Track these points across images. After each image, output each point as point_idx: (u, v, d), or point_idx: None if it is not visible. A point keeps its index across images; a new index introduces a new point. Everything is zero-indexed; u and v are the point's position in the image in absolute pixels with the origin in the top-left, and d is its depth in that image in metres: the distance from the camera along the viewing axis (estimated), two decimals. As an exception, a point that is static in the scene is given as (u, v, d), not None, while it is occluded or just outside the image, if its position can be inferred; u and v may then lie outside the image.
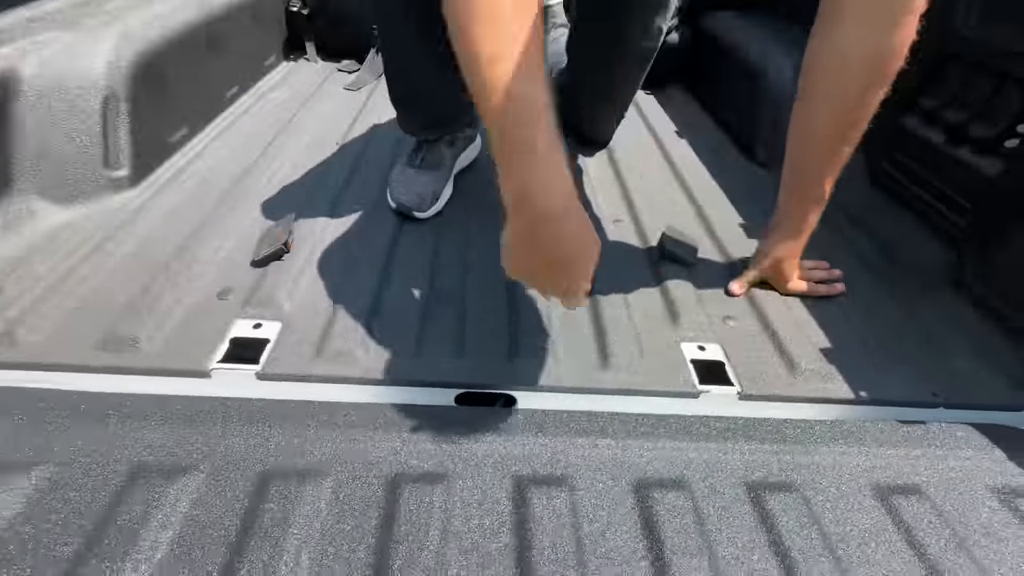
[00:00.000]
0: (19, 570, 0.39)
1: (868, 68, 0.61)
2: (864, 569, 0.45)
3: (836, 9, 0.61)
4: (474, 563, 0.42)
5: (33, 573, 0.39)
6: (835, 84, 0.64)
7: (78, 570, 0.39)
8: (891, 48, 0.59)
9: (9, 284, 0.65)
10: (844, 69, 0.62)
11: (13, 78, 0.73)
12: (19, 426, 0.49)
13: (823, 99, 0.66)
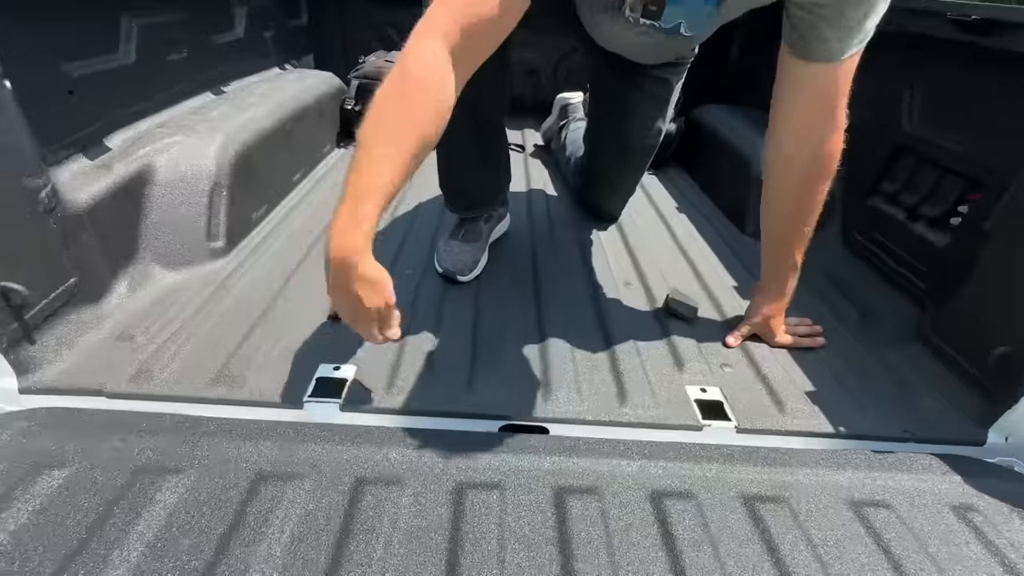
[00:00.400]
0: (180, 545, 0.51)
1: (809, 169, 0.78)
2: (839, 564, 0.56)
3: (779, 124, 0.79)
4: (525, 548, 0.54)
5: (190, 547, 0.51)
6: (786, 181, 0.81)
7: (223, 552, 0.51)
8: (823, 156, 0.77)
9: (139, 334, 0.80)
10: (791, 170, 0.80)
11: (150, 170, 0.93)
12: (166, 441, 0.62)
13: (779, 191, 0.83)
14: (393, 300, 0.60)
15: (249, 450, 0.62)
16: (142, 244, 0.93)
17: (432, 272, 1.05)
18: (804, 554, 0.56)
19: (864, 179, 1.17)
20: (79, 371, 0.73)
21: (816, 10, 0.67)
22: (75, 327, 0.77)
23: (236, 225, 1.06)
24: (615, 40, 0.96)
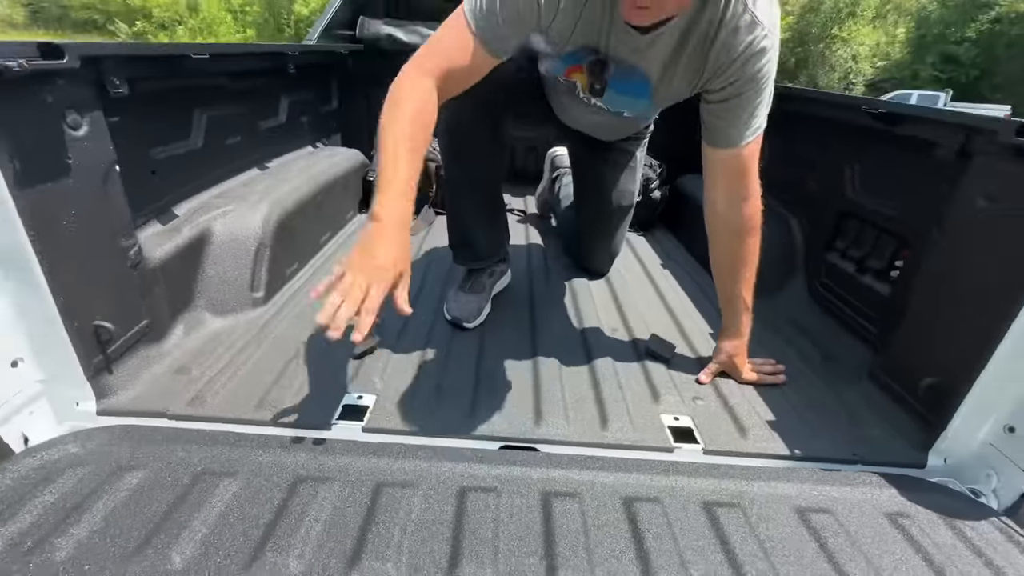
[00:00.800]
0: (235, 529, 0.63)
1: (738, 226, 0.95)
2: (780, 555, 0.66)
3: (709, 195, 0.97)
4: (516, 537, 0.65)
5: (243, 531, 0.63)
6: (723, 237, 0.99)
7: (269, 535, 0.63)
8: (745, 216, 0.94)
9: (194, 368, 0.95)
10: (724, 226, 0.97)
11: (209, 233, 1.11)
12: (219, 451, 0.75)
13: (718, 246, 1.01)
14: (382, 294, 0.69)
15: (287, 459, 0.75)
16: (197, 294, 1.10)
17: (442, 319, 1.20)
18: (751, 546, 0.66)
19: (821, 239, 1.33)
20: (146, 397, 0.87)
21: (717, 112, 0.88)
22: (143, 361, 0.92)
23: (274, 279, 1.24)
24: (580, 121, 1.19)
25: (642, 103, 1.01)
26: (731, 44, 0.83)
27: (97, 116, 0.80)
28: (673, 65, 0.90)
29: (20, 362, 0.76)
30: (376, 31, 2.06)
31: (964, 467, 0.85)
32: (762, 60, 0.83)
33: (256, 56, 1.43)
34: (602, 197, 1.35)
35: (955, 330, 0.84)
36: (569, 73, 1.01)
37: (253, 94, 1.46)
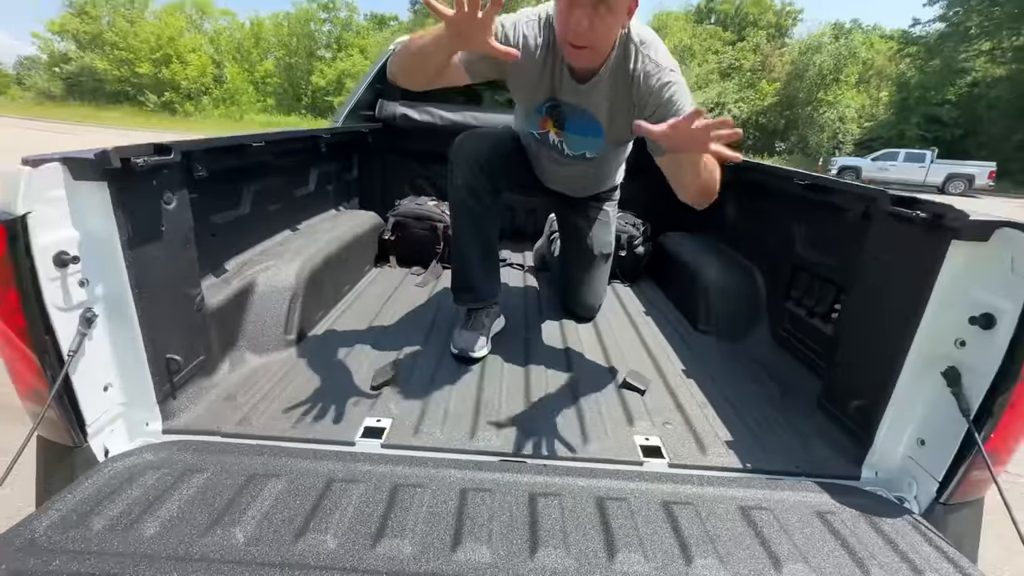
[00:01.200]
0: (282, 516, 0.79)
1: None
2: (723, 540, 0.80)
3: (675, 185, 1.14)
4: (507, 524, 0.80)
5: (288, 518, 0.79)
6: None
7: (310, 520, 0.79)
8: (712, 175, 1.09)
9: (239, 396, 1.13)
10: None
11: (253, 285, 1.33)
12: (265, 460, 0.92)
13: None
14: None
15: (321, 466, 0.91)
16: (241, 335, 1.29)
17: (448, 356, 1.38)
18: (699, 533, 0.81)
19: (780, 289, 1.53)
20: (202, 419, 1.04)
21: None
22: (199, 390, 1.10)
23: (304, 324, 1.43)
24: (557, 176, 1.51)
25: (599, 141, 1.32)
26: (645, 84, 1.17)
27: (183, 193, 1.03)
28: (612, 107, 1.23)
29: (110, 387, 0.94)
30: (392, 111, 2.37)
31: (892, 478, 0.99)
32: (670, 89, 1.16)
33: (297, 140, 1.70)
34: (583, 247, 1.58)
35: (871, 359, 1.01)
36: (542, 124, 1.36)
37: (290, 168, 1.72)
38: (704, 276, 1.71)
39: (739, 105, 24.99)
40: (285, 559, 0.71)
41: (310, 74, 30.62)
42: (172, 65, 27.84)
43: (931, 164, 16.62)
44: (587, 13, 1.04)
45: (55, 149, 0.85)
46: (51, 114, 25.15)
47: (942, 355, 0.90)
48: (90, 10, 29.51)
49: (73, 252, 0.83)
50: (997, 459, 0.87)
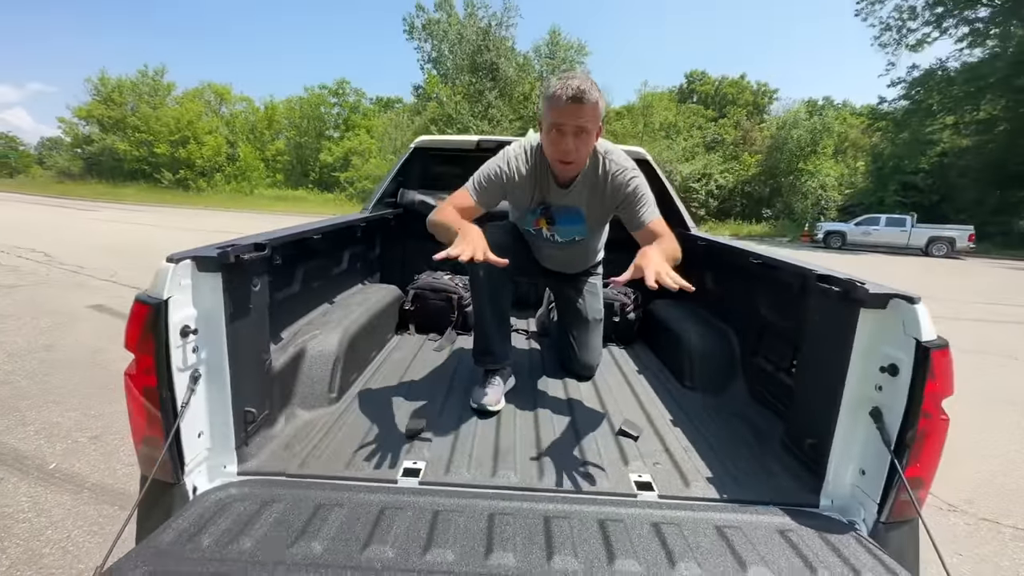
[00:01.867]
0: (348, 535, 0.99)
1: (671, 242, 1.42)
2: (700, 550, 1.00)
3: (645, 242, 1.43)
4: (527, 540, 1.00)
5: (351, 538, 0.98)
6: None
7: (370, 537, 0.98)
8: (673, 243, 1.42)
9: (295, 444, 1.34)
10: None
11: (304, 351, 1.57)
12: (327, 493, 1.12)
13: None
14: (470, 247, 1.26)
15: (373, 497, 1.12)
16: (294, 394, 1.52)
17: (469, 409, 1.61)
18: (681, 544, 1.01)
19: (751, 348, 1.78)
20: (268, 463, 1.25)
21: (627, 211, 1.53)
22: (264, 439, 1.32)
23: (343, 384, 1.67)
24: (553, 258, 1.80)
25: (583, 227, 1.69)
26: (614, 181, 1.54)
27: (264, 278, 1.31)
28: (590, 201, 1.60)
29: (202, 434, 1.17)
30: (412, 199, 2.73)
31: (845, 504, 1.19)
32: (633, 183, 1.55)
33: (341, 227, 2.02)
34: (579, 314, 1.85)
35: (817, 404, 1.25)
36: (536, 223, 1.71)
37: (330, 251, 2.02)
38: (687, 339, 1.96)
39: (724, 175, 26.36)
40: (356, 564, 0.91)
41: (318, 152, 32.48)
42: (189, 146, 29.54)
43: (912, 228, 17.37)
44: (571, 140, 1.43)
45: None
46: (70, 192, 26.36)
47: (867, 398, 1.13)
48: (116, 97, 31.78)
49: (192, 326, 1.09)
50: (920, 483, 1.08)
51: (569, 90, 1.38)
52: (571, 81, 1.40)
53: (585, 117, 1.42)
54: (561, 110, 1.41)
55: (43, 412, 2.83)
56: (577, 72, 1.47)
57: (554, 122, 1.44)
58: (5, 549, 1.79)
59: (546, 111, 1.46)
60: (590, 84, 1.41)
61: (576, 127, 1.42)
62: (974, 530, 2.20)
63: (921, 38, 22.18)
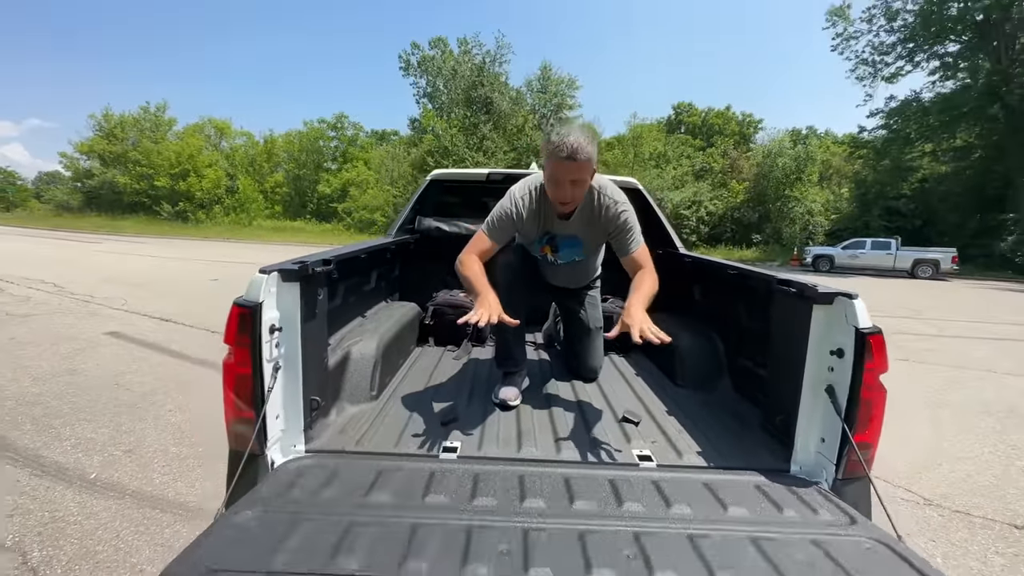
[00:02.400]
0: (407, 495, 1.22)
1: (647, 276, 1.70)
2: (692, 498, 1.24)
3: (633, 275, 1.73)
4: (552, 492, 1.24)
5: (412, 491, 1.22)
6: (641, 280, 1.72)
7: (423, 497, 1.22)
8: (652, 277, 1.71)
9: (348, 430, 1.58)
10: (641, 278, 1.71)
11: (349, 354, 1.82)
12: (384, 462, 1.36)
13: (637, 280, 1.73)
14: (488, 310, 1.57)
15: (423, 465, 1.36)
16: (342, 390, 1.77)
17: (491, 405, 1.85)
18: (675, 494, 1.25)
19: (734, 349, 2.05)
20: (328, 443, 1.49)
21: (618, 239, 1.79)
22: (321, 425, 1.56)
23: (381, 383, 1.91)
24: (557, 276, 2.08)
25: (581, 251, 1.96)
26: (607, 214, 1.80)
27: (325, 288, 1.57)
28: (587, 230, 1.87)
29: (279, 416, 1.41)
30: (428, 225, 3.02)
31: (811, 468, 1.44)
32: (624, 215, 1.80)
33: (376, 249, 2.30)
34: (581, 323, 2.12)
35: (785, 385, 1.51)
36: (543, 250, 1.99)
37: (364, 270, 2.30)
38: (678, 344, 2.23)
39: (714, 202, 27.07)
40: (418, 507, 1.15)
41: (317, 184, 33.06)
42: (189, 179, 30.01)
43: (897, 251, 17.90)
44: (569, 188, 1.69)
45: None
46: (70, 225, 26.60)
47: (823, 378, 1.40)
48: (118, 133, 32.44)
49: (277, 325, 1.34)
50: (867, 446, 1.34)
51: (566, 148, 1.59)
52: (568, 139, 1.59)
53: (580, 171, 1.65)
54: (559, 165, 1.63)
55: (76, 429, 3.02)
56: (574, 126, 1.68)
57: (553, 174, 1.67)
58: (62, 547, 1.98)
59: (546, 161, 1.68)
60: (584, 140, 1.61)
61: (572, 180, 1.69)
62: (947, 521, 2.42)
63: (895, 71, 23.30)
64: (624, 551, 1.00)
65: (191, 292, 8.23)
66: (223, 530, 1.01)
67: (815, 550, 1.03)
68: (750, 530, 1.11)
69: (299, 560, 0.92)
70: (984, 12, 19.91)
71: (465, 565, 0.93)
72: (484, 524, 1.08)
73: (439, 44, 31.08)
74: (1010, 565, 2.10)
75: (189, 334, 5.35)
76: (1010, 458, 3.15)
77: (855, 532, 1.11)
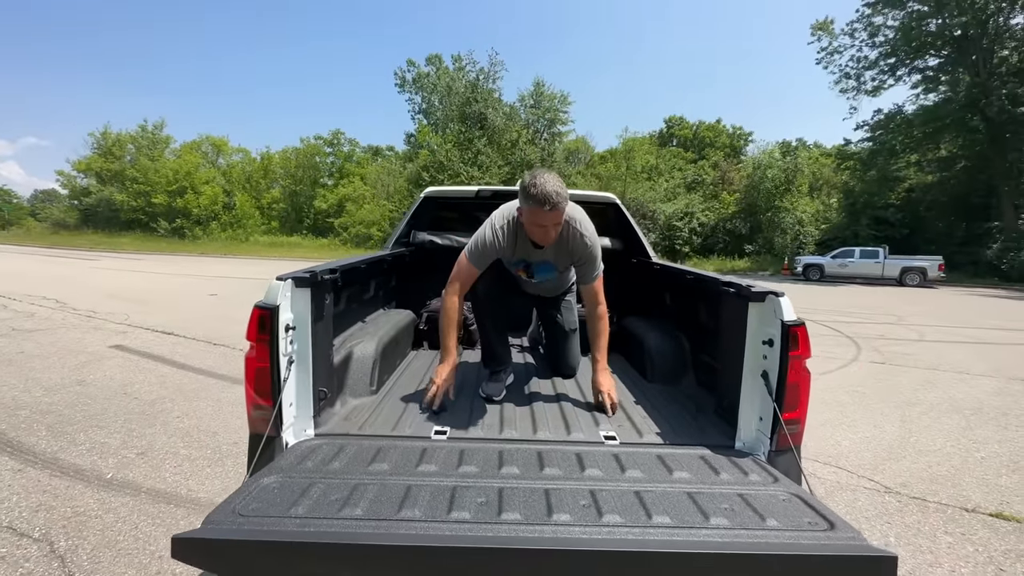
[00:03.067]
0: (402, 469, 1.44)
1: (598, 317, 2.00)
2: (644, 468, 1.46)
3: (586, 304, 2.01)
4: (526, 462, 1.46)
5: (406, 466, 1.44)
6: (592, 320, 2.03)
7: (417, 467, 1.44)
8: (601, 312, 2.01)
9: (352, 417, 1.80)
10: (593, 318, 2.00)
11: (351, 353, 2.05)
12: (385, 443, 1.58)
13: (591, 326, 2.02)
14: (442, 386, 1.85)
15: (417, 444, 1.57)
16: (345, 384, 1.98)
17: (479, 398, 2.07)
18: (631, 463, 1.47)
19: (698, 348, 2.28)
20: (335, 428, 1.70)
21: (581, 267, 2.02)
22: (327, 414, 1.77)
23: (380, 379, 2.13)
24: (532, 288, 2.31)
25: (555, 274, 2.18)
26: (575, 243, 2.01)
27: (331, 294, 1.80)
28: (557, 256, 2.07)
29: (292, 404, 1.62)
30: (423, 239, 3.27)
31: (752, 445, 1.66)
32: (590, 248, 2.01)
33: (374, 260, 2.53)
34: (559, 327, 2.35)
35: (730, 373, 1.74)
36: (518, 272, 2.21)
37: (363, 280, 2.53)
38: (648, 344, 2.46)
39: (706, 214, 27.52)
40: (412, 473, 1.37)
41: (313, 199, 33.40)
42: (187, 195, 30.28)
43: (885, 260, 18.27)
44: (544, 229, 1.89)
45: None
46: (67, 242, 26.72)
47: (758, 365, 1.63)
48: (116, 151, 32.76)
49: (291, 324, 1.57)
50: (796, 422, 1.56)
51: (541, 198, 1.76)
52: (545, 187, 1.76)
53: (556, 218, 1.83)
54: (535, 211, 1.80)
55: (90, 434, 3.20)
56: (548, 178, 1.81)
57: (530, 219, 1.85)
58: (86, 537, 2.17)
59: (523, 205, 1.84)
60: (558, 189, 1.78)
61: (547, 225, 1.85)
62: (903, 506, 2.64)
63: (878, 84, 23.94)
64: (581, 502, 1.22)
65: (191, 307, 8.42)
66: (249, 490, 1.22)
67: (738, 500, 1.25)
68: (688, 487, 1.33)
69: (312, 510, 1.14)
70: (962, 28, 20.60)
71: (450, 512, 1.15)
72: (467, 485, 1.30)
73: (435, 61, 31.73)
74: (956, 543, 2.30)
75: (191, 346, 5.54)
76: (970, 451, 3.37)
77: (776, 488, 1.33)
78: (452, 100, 28.80)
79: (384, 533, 1.05)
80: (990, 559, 2.18)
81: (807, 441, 3.38)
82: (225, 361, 4.88)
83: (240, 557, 1.00)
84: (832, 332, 7.85)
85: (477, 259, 2.00)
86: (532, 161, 25.80)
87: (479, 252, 1.99)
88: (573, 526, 1.11)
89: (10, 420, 3.37)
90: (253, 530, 1.03)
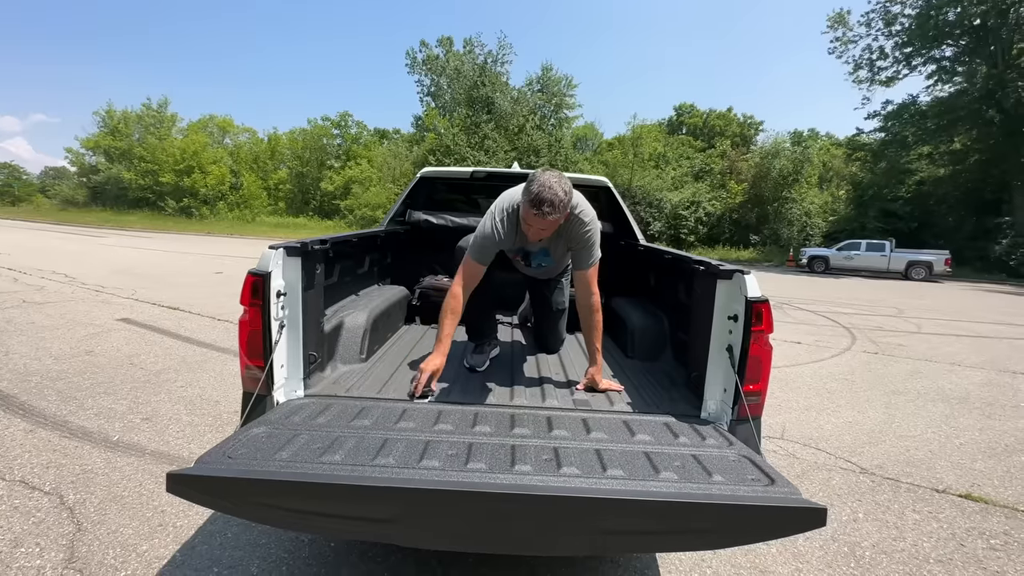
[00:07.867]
0: (384, 424, 1.55)
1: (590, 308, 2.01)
2: (610, 432, 1.56)
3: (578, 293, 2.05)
4: (500, 424, 1.56)
5: (386, 423, 1.54)
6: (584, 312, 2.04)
7: (396, 426, 1.54)
8: (593, 303, 2.01)
9: (341, 381, 1.90)
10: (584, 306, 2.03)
11: (342, 323, 2.15)
12: (367, 403, 1.68)
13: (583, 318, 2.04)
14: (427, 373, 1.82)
15: (398, 406, 1.68)
16: (336, 352, 2.09)
17: (463, 368, 2.17)
18: (597, 427, 1.57)
19: (676, 326, 2.36)
20: (324, 390, 1.81)
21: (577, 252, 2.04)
22: (317, 378, 1.88)
23: (370, 348, 2.24)
24: (528, 272, 2.34)
25: (550, 260, 2.22)
26: (575, 232, 2.03)
27: (322, 265, 1.89)
28: (555, 244, 2.12)
29: (283, 366, 1.73)
30: (418, 218, 3.35)
31: (716, 415, 1.75)
32: (589, 234, 2.02)
33: (367, 236, 2.62)
34: (549, 304, 2.44)
35: (699, 347, 1.82)
36: (515, 258, 2.26)
37: (357, 255, 2.62)
38: (630, 321, 2.55)
39: (712, 203, 27.33)
40: (390, 429, 1.47)
41: (320, 181, 33.42)
42: (194, 175, 30.41)
43: (891, 253, 18.14)
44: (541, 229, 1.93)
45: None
46: (75, 219, 27.01)
47: (724, 340, 1.71)
48: (122, 128, 32.86)
49: (283, 291, 1.67)
50: (757, 394, 1.65)
51: (543, 205, 1.77)
52: (545, 193, 1.77)
53: (550, 224, 1.85)
54: (536, 216, 1.81)
55: (98, 400, 3.34)
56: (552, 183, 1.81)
57: (531, 221, 1.85)
58: (93, 492, 2.30)
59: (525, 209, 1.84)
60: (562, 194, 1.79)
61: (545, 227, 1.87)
62: (876, 485, 2.73)
63: (892, 75, 23.51)
64: (544, 457, 1.32)
65: (197, 284, 8.57)
66: (239, 438, 1.33)
67: (691, 459, 1.34)
68: (647, 448, 1.42)
69: (296, 456, 1.24)
70: (981, 17, 20.13)
71: (421, 460, 1.25)
72: (440, 440, 1.41)
73: (446, 43, 31.43)
74: (922, 520, 2.40)
75: (196, 321, 5.68)
76: (949, 437, 3.44)
77: (729, 451, 1.43)
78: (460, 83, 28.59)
79: (358, 476, 1.16)
80: (952, 535, 2.27)
81: (789, 424, 3.47)
82: (228, 336, 5.02)
83: (227, 492, 1.11)
84: (830, 323, 7.88)
85: (481, 254, 1.98)
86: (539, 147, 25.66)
87: (481, 247, 1.98)
88: (533, 476, 1.21)
89: (22, 385, 3.52)
90: (240, 469, 1.14)
